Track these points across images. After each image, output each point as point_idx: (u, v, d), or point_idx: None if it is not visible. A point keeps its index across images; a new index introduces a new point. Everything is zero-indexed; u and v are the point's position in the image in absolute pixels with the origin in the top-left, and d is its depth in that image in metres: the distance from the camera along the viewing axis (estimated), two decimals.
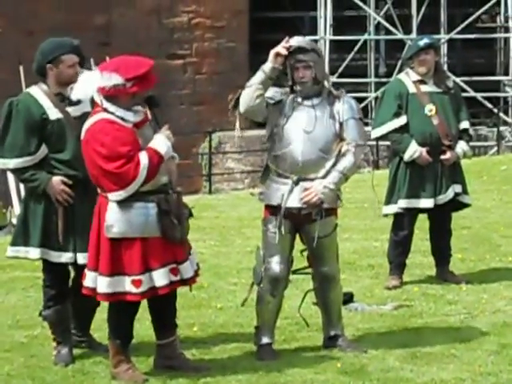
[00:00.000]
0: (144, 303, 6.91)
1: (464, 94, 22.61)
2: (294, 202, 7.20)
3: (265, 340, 7.38)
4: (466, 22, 23.46)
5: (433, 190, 9.22)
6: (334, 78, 22.11)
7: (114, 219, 6.66)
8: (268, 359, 7.24)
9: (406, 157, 9.20)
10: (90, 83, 6.72)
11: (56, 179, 7.24)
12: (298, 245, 7.53)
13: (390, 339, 7.68)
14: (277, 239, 7.25)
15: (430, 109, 9.22)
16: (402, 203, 9.27)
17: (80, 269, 7.45)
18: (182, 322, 8.26)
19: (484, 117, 23.63)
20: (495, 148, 22.37)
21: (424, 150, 9.16)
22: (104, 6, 21.89)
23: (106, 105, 6.70)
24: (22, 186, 16.94)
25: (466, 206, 9.67)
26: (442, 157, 9.24)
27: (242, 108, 7.36)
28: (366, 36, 23.86)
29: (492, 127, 23.15)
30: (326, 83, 7.43)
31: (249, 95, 7.28)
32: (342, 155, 7.24)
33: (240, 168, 22.15)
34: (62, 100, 7.37)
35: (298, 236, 7.45)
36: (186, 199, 14.38)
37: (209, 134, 21.06)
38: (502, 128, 22.88)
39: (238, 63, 23.13)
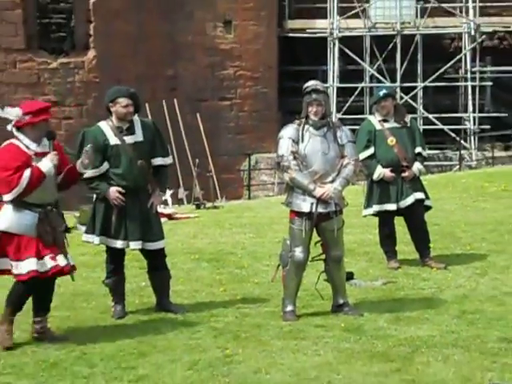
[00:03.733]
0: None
1: (434, 127, 22.88)
2: (320, 208, 7.21)
3: (289, 307, 7.37)
4: (436, 74, 23.40)
5: (395, 197, 9.19)
6: (339, 115, 22.14)
7: (4, 217, 6.58)
8: (291, 321, 7.23)
9: (374, 177, 9.21)
10: (10, 115, 6.62)
11: (113, 189, 7.29)
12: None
13: (380, 306, 7.65)
14: (303, 234, 7.24)
15: (391, 140, 9.19)
16: (375, 207, 9.31)
17: (147, 253, 7.56)
18: (229, 293, 8.31)
19: (449, 143, 23.52)
20: (457, 166, 22.30)
21: (387, 171, 9.15)
22: (172, 61, 21.95)
23: (17, 134, 6.63)
24: None
25: (429, 207, 9.56)
26: (402, 174, 9.20)
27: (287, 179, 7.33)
28: (363, 84, 23.80)
29: (455, 151, 23.08)
30: (329, 118, 7.42)
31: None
32: (343, 167, 7.27)
33: (271, 180, 22.15)
34: (120, 131, 7.37)
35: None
36: (232, 203, 14.39)
37: (248, 156, 21.12)
38: (462, 152, 22.83)
39: (269, 104, 23.14)
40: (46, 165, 6.56)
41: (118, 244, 7.40)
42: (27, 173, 6.49)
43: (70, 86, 20.86)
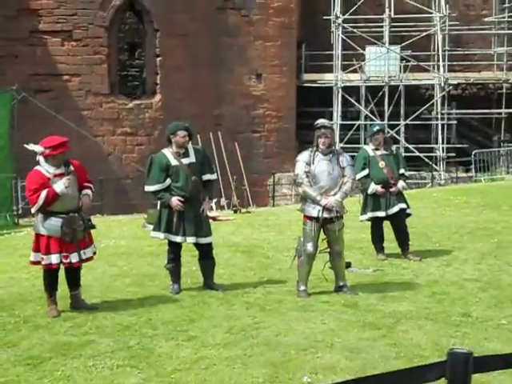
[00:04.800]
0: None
1: (412, 154, 22.75)
2: (325, 214, 7.20)
3: (302, 287, 7.36)
4: (415, 115, 23.34)
5: (385, 207, 9.15)
6: (341, 145, 22.04)
7: (38, 223, 6.62)
8: (304, 297, 7.23)
9: (369, 191, 9.18)
10: (34, 149, 6.57)
11: (174, 198, 7.29)
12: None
13: (370, 288, 7.62)
14: (313, 233, 7.24)
15: (381, 164, 9.16)
16: (369, 214, 9.27)
17: (199, 246, 7.52)
18: (258, 276, 8.30)
19: (424, 166, 23.37)
20: (430, 184, 22.18)
21: (379, 187, 9.12)
22: (218, 103, 21.99)
23: (41, 162, 6.61)
24: None
25: (409, 214, 9.51)
26: (390, 190, 9.16)
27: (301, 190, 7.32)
28: (359, 122, 23.77)
29: (428, 172, 22.98)
30: (334, 146, 7.41)
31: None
32: (344, 183, 7.25)
33: (290, 193, 22.13)
34: (178, 155, 7.39)
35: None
36: (261, 210, 14.19)
37: (273, 174, 21.14)
38: (434, 173, 22.77)
39: (289, 136, 23.14)
40: (59, 186, 6.52)
41: (178, 239, 7.41)
42: (43, 194, 6.47)
43: (141, 121, 20.96)
